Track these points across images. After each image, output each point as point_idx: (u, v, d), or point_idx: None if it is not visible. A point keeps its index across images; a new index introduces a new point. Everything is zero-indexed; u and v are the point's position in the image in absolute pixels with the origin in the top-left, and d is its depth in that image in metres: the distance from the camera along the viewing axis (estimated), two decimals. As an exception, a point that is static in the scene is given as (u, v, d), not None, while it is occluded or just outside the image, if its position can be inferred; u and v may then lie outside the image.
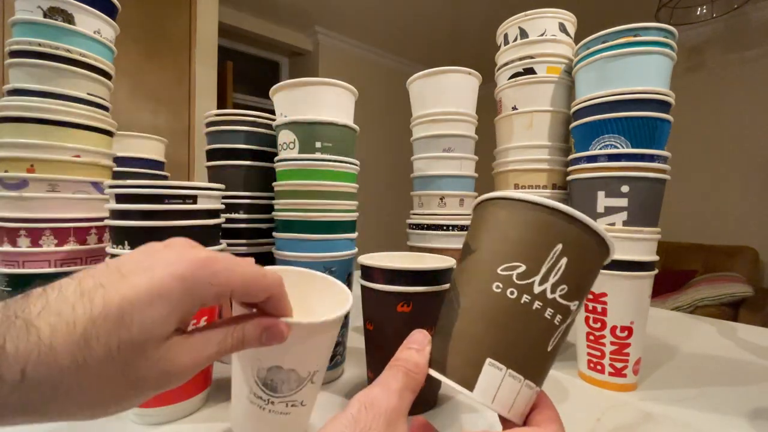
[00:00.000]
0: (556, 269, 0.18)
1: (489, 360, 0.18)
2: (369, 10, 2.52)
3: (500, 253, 0.19)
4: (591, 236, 0.18)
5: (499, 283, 0.18)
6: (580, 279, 0.18)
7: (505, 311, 0.18)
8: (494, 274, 0.18)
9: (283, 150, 0.43)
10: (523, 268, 0.18)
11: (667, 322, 0.67)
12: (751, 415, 0.36)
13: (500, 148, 0.50)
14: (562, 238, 0.18)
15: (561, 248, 0.18)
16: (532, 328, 0.18)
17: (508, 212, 0.19)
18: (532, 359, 0.18)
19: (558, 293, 0.18)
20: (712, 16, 1.60)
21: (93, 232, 0.39)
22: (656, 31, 0.38)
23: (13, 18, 0.37)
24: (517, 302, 0.18)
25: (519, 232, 0.19)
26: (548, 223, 0.18)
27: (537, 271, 0.18)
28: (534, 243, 0.18)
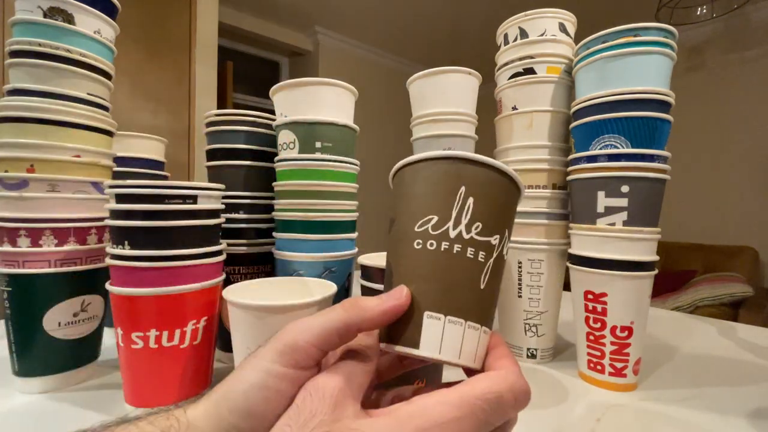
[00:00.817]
0: (466, 210, 0.19)
1: (427, 313, 0.18)
2: (369, 10, 2.52)
3: (412, 212, 0.19)
4: (490, 172, 0.19)
5: (418, 239, 0.19)
6: (492, 214, 0.19)
7: (429, 263, 0.19)
8: (413, 233, 0.19)
9: (283, 150, 0.43)
10: (436, 219, 0.19)
11: (667, 322, 0.67)
12: (751, 415, 0.36)
13: (500, 148, 0.50)
14: (463, 181, 0.19)
15: (464, 190, 0.19)
16: (458, 271, 0.18)
17: (410, 175, 0.20)
18: (467, 300, 0.18)
19: (474, 232, 0.19)
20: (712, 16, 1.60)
21: (93, 232, 0.39)
22: (656, 31, 0.38)
23: (13, 18, 0.37)
24: (437, 251, 0.18)
25: (423, 187, 0.20)
26: (446, 171, 0.19)
27: (449, 217, 0.19)
28: (438, 192, 0.19)
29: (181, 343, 0.33)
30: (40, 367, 0.37)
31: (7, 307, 0.36)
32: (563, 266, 0.47)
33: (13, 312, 0.36)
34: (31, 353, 0.36)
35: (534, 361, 0.47)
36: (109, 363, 0.42)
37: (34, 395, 0.36)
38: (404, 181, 0.21)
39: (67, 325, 0.38)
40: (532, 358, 0.47)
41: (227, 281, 0.41)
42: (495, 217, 0.19)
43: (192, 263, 0.33)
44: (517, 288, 0.47)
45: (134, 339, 0.32)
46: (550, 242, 0.46)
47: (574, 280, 0.43)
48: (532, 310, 0.47)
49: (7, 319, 0.36)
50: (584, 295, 0.41)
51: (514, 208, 0.21)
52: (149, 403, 0.32)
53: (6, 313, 0.36)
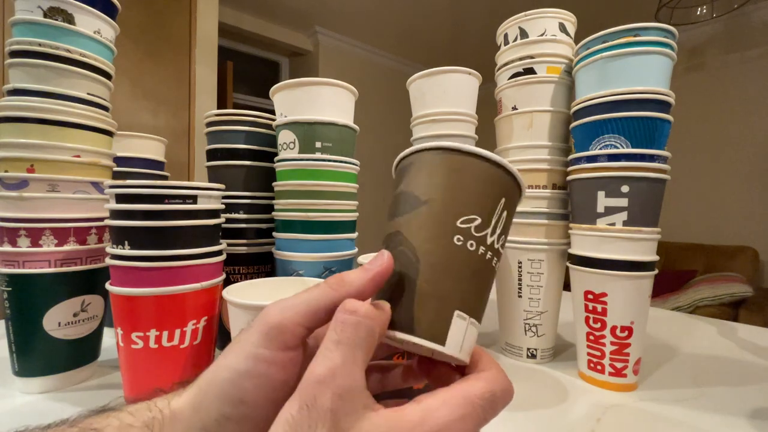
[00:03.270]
0: (501, 221, 0.19)
1: (457, 312, 0.18)
2: (369, 10, 2.52)
3: (458, 205, 0.19)
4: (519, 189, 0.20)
5: (459, 236, 0.18)
6: (509, 225, 0.20)
7: (468, 264, 0.18)
8: (455, 227, 0.18)
9: (283, 150, 0.43)
10: (479, 221, 0.18)
11: (667, 322, 0.67)
12: (751, 415, 0.36)
13: (500, 148, 0.50)
14: (505, 192, 0.19)
15: (504, 202, 0.19)
16: (487, 277, 0.19)
17: (461, 164, 0.19)
18: (483, 304, 0.19)
19: (500, 243, 0.19)
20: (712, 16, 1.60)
21: (93, 232, 0.39)
22: (656, 31, 0.38)
23: (13, 18, 0.37)
24: (475, 254, 0.18)
25: (475, 184, 0.19)
26: (496, 176, 0.19)
27: (489, 224, 0.19)
28: (487, 196, 0.19)
29: (181, 343, 0.33)
30: (40, 367, 0.37)
31: (7, 307, 0.36)
32: (563, 266, 0.47)
33: (13, 312, 0.36)
34: (31, 353, 0.36)
35: (534, 361, 0.47)
36: (109, 363, 0.43)
37: (34, 395, 0.36)
38: (451, 167, 0.19)
39: (67, 325, 0.38)
40: (532, 358, 0.47)
41: (227, 281, 0.41)
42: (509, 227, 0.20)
43: (192, 263, 0.33)
44: (517, 288, 0.47)
45: (134, 339, 0.32)
46: (550, 242, 0.46)
47: (574, 280, 0.43)
48: (532, 310, 0.47)
49: (7, 319, 0.36)
50: (584, 295, 0.41)
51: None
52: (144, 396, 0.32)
53: (6, 313, 0.36)
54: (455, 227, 0.18)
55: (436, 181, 0.19)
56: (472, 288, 0.19)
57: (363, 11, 2.53)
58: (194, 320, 0.33)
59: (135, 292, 0.31)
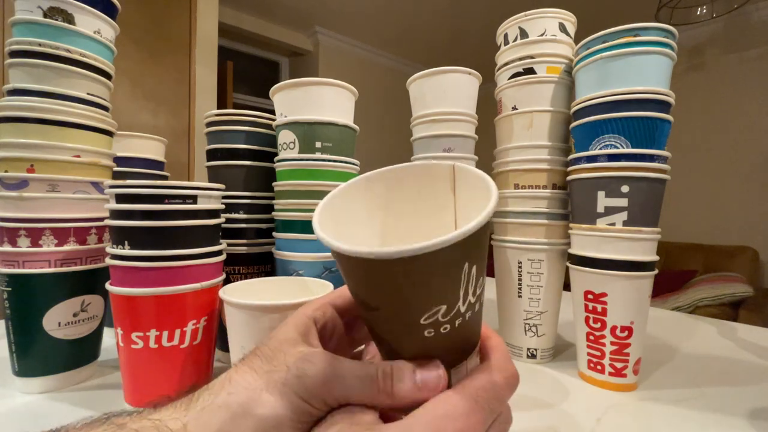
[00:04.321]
0: (471, 281, 0.16)
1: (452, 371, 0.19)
2: (369, 10, 2.52)
3: (413, 308, 0.16)
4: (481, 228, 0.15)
5: (429, 330, 0.17)
6: (483, 263, 0.17)
7: (441, 340, 0.17)
8: (419, 326, 0.16)
9: (283, 150, 0.43)
10: (444, 308, 0.16)
11: (667, 322, 0.67)
12: (751, 415, 0.36)
13: (500, 148, 0.50)
14: (467, 258, 0.16)
15: (467, 265, 0.16)
16: (472, 327, 0.18)
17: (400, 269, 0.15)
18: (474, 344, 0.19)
19: (479, 291, 0.17)
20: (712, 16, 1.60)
21: (93, 232, 0.39)
22: (656, 31, 0.38)
23: (13, 18, 0.37)
24: (451, 330, 0.17)
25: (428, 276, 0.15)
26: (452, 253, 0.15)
27: (457, 299, 0.16)
28: (445, 281, 0.16)
29: (181, 343, 0.33)
30: (40, 367, 0.37)
31: (7, 307, 0.36)
32: (563, 266, 0.47)
33: (13, 312, 0.36)
34: (31, 353, 0.36)
35: (534, 361, 0.47)
36: (109, 363, 0.43)
37: (34, 395, 0.36)
38: (392, 274, 0.15)
39: (67, 325, 0.38)
40: (532, 358, 0.47)
41: (227, 281, 0.41)
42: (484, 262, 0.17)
43: (192, 263, 0.33)
44: (517, 288, 0.47)
45: (134, 339, 0.32)
46: (550, 242, 0.46)
47: (574, 280, 0.43)
48: (532, 310, 0.47)
49: (7, 319, 0.36)
50: (584, 295, 0.41)
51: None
52: (143, 401, 0.32)
53: (6, 313, 0.36)
54: (420, 326, 0.16)
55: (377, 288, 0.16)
56: (461, 348, 0.19)
57: (363, 11, 2.53)
58: (194, 320, 0.33)
59: (135, 292, 0.31)
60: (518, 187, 0.47)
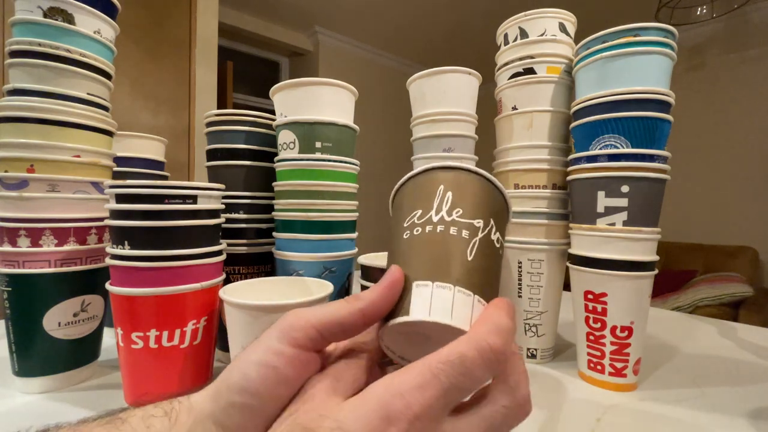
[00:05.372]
0: (446, 201, 0.21)
1: (416, 283, 0.19)
2: (369, 10, 2.52)
3: (402, 215, 0.22)
4: (461, 173, 0.22)
5: (406, 231, 0.21)
6: (470, 203, 0.21)
7: (416, 244, 0.20)
8: (402, 229, 0.21)
9: (283, 150, 0.43)
10: (420, 212, 0.21)
11: (667, 322, 0.67)
12: (751, 415, 0.36)
13: (500, 148, 0.50)
14: (441, 182, 0.22)
15: (443, 187, 0.22)
16: (444, 245, 0.20)
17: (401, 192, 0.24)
18: (454, 268, 0.19)
19: (455, 215, 0.21)
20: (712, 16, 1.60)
21: (93, 232, 0.39)
22: (656, 31, 0.38)
23: (13, 18, 0.37)
24: (422, 233, 0.20)
25: (409, 192, 0.23)
26: (426, 178, 0.23)
27: (431, 208, 0.21)
28: (420, 193, 0.22)
29: (181, 343, 0.33)
30: (40, 367, 0.37)
31: (7, 307, 0.36)
32: (563, 266, 0.47)
33: (13, 312, 0.36)
34: (31, 353, 0.36)
35: (534, 361, 0.47)
36: (109, 363, 0.43)
37: (34, 395, 0.36)
38: (396, 203, 0.24)
39: (67, 325, 0.38)
40: (532, 358, 0.47)
41: (227, 281, 0.41)
42: (474, 205, 0.21)
43: (192, 263, 0.33)
44: (517, 288, 0.47)
45: (134, 339, 0.32)
46: (550, 242, 0.46)
47: (574, 280, 0.43)
48: (532, 310, 0.47)
49: (7, 319, 0.36)
50: (584, 295, 0.41)
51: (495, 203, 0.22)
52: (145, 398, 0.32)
53: (6, 313, 0.36)
54: (403, 228, 0.21)
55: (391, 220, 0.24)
56: (426, 258, 0.20)
57: (363, 11, 2.53)
58: (194, 320, 0.33)
59: (135, 292, 0.31)
60: (518, 187, 0.47)
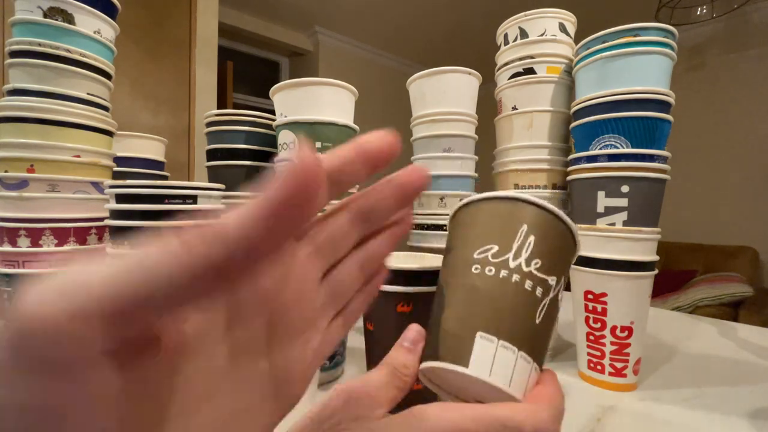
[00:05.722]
0: (527, 246, 0.19)
1: (480, 333, 0.17)
2: (369, 10, 2.52)
3: (472, 242, 0.20)
4: (550, 216, 0.20)
5: (477, 265, 0.19)
6: (551, 255, 0.20)
7: (486, 287, 0.19)
8: (471, 260, 0.19)
9: (283, 150, 0.43)
10: (496, 248, 0.19)
11: (667, 322, 0.67)
12: (751, 415, 0.36)
13: (500, 148, 0.50)
14: (525, 221, 0.20)
15: (526, 228, 0.20)
16: (516, 300, 0.18)
17: (472, 211, 0.22)
18: (522, 330, 0.18)
19: (533, 266, 0.19)
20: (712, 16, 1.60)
21: (93, 232, 0.39)
22: (656, 31, 0.38)
23: (13, 18, 0.37)
24: (496, 277, 0.19)
25: (484, 220, 0.21)
26: (509, 209, 0.20)
27: (509, 248, 0.19)
28: (500, 226, 0.20)
29: (181, 343, 0.33)
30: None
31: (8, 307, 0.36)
32: (563, 266, 0.47)
33: (13, 312, 0.36)
34: (31, 353, 0.36)
35: (534, 361, 0.47)
36: (109, 363, 0.42)
37: (34, 395, 0.36)
38: (465, 218, 0.22)
39: (67, 325, 0.37)
40: (532, 358, 0.47)
41: (227, 281, 0.41)
42: (553, 258, 0.20)
43: (192, 263, 0.33)
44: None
45: (134, 339, 0.32)
46: (550, 242, 0.46)
47: (574, 280, 0.43)
48: (532, 310, 0.47)
49: (7, 319, 0.36)
50: (584, 295, 0.41)
51: (570, 258, 0.21)
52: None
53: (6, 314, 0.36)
54: (472, 259, 0.19)
55: (459, 229, 0.22)
56: (496, 309, 0.18)
57: (363, 11, 2.53)
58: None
59: (135, 292, 0.31)
60: (518, 187, 0.47)
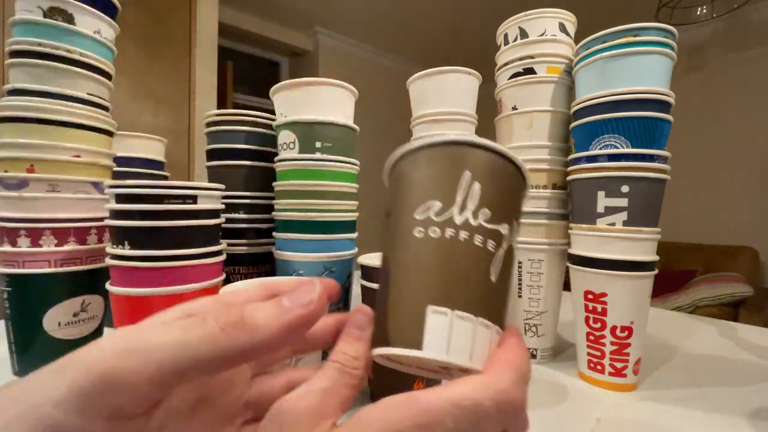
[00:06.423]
0: (472, 195, 0.17)
1: (431, 307, 0.15)
2: (369, 10, 2.52)
3: (412, 200, 0.17)
4: (496, 157, 0.18)
5: (419, 227, 0.17)
6: (501, 201, 0.17)
7: (432, 252, 0.16)
8: (412, 222, 0.17)
9: (283, 150, 0.43)
10: (439, 204, 0.17)
11: (667, 322, 0.67)
12: (751, 415, 0.36)
13: (500, 148, 0.50)
14: (468, 166, 0.17)
15: (470, 175, 0.17)
16: (467, 260, 0.16)
17: (408, 163, 0.18)
18: (477, 294, 0.16)
19: (482, 218, 0.17)
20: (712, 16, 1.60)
21: (93, 232, 0.39)
22: (656, 31, 0.38)
23: (13, 18, 0.37)
24: (442, 239, 0.16)
25: (423, 173, 0.18)
26: (449, 155, 0.18)
27: (452, 201, 0.17)
28: (441, 176, 0.17)
29: (181, 343, 0.33)
30: (40, 368, 0.36)
31: (7, 307, 0.36)
32: (563, 266, 0.47)
33: (13, 312, 0.36)
34: (31, 353, 0.36)
35: (534, 361, 0.47)
36: (109, 363, 0.42)
37: (34, 395, 0.36)
38: (402, 172, 0.19)
39: (67, 325, 0.38)
40: (532, 358, 0.47)
41: (227, 281, 0.41)
42: (504, 204, 0.17)
43: (192, 263, 0.33)
44: (517, 288, 0.47)
45: (134, 339, 0.32)
46: (550, 242, 0.46)
47: (574, 280, 0.43)
48: (532, 310, 0.47)
49: (7, 319, 0.36)
50: (584, 295, 0.41)
51: (521, 199, 0.19)
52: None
53: (6, 313, 0.36)
54: (414, 221, 0.17)
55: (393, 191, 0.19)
56: (446, 276, 0.16)
57: (363, 11, 2.53)
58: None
59: (135, 292, 0.31)
60: (518, 187, 0.47)
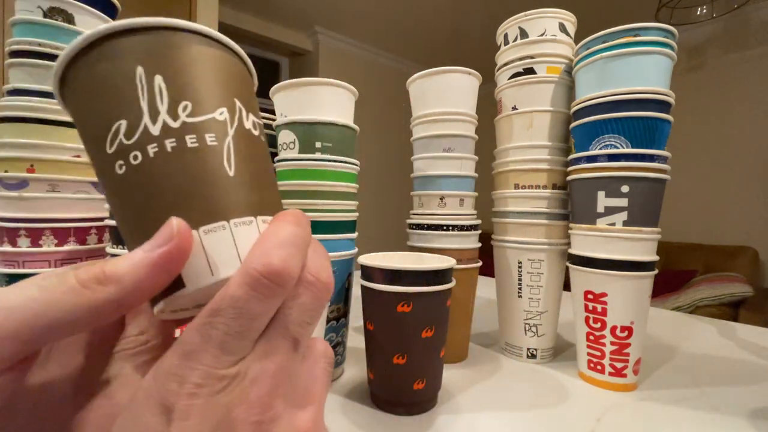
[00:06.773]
0: (158, 94, 0.13)
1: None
2: (369, 10, 2.52)
3: (94, 133, 0.14)
4: (163, 36, 0.14)
5: (119, 161, 0.13)
6: (199, 86, 0.14)
7: (143, 181, 0.13)
8: (108, 158, 0.13)
9: (283, 150, 0.43)
10: (124, 123, 0.13)
11: (667, 322, 0.67)
12: (751, 415, 0.36)
13: (500, 148, 0.50)
14: (138, 60, 0.14)
15: (142, 72, 0.13)
16: (188, 170, 0.13)
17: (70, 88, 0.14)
18: (218, 197, 0.14)
19: (184, 115, 0.14)
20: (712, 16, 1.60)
21: (93, 232, 0.39)
22: (656, 31, 0.38)
23: (13, 18, 0.37)
24: (146, 163, 0.13)
25: (90, 92, 0.14)
26: (105, 56, 0.14)
27: (140, 114, 0.13)
28: (111, 89, 0.13)
29: (181, 343, 0.33)
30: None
31: (7, 307, 0.36)
32: (563, 266, 0.47)
33: (13, 312, 0.36)
34: (31, 353, 0.36)
35: (534, 361, 0.47)
36: (109, 363, 0.42)
37: (34, 395, 0.36)
38: (69, 102, 0.14)
39: (67, 325, 0.38)
40: (532, 358, 0.47)
41: (227, 281, 0.41)
42: (207, 86, 0.14)
43: (192, 263, 0.33)
44: (517, 288, 0.47)
45: (134, 339, 0.32)
46: (550, 242, 0.46)
47: (574, 280, 0.43)
48: (532, 310, 0.47)
49: (7, 319, 0.36)
50: (584, 295, 0.41)
51: (233, 72, 0.15)
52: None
53: (6, 313, 0.36)
54: (108, 157, 0.14)
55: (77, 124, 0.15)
56: (176, 201, 0.13)
57: (363, 11, 2.53)
58: (194, 320, 0.33)
59: (135, 292, 0.31)
60: (518, 187, 0.47)
